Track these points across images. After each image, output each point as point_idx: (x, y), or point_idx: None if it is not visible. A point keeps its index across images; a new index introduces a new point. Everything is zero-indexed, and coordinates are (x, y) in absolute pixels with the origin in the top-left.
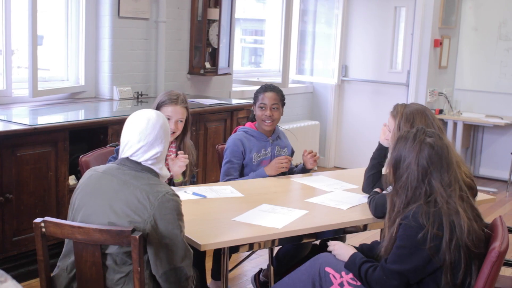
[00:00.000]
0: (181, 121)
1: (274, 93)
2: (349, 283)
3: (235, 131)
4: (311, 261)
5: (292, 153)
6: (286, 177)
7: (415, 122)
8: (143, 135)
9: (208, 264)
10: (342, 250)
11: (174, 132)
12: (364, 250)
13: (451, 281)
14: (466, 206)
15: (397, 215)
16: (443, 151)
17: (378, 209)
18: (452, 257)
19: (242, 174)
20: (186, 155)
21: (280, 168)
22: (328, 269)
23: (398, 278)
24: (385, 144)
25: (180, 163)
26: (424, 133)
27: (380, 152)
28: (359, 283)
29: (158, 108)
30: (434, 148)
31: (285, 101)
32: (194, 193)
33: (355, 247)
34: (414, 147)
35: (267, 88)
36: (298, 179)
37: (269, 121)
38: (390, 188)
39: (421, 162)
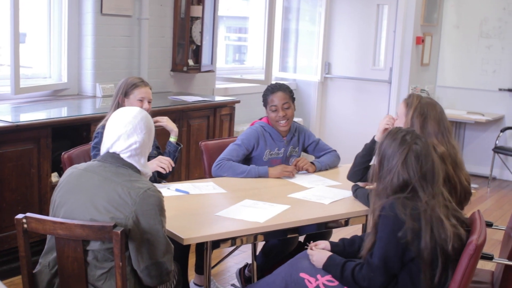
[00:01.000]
0: (149, 102)
1: (282, 91)
2: (325, 285)
3: (253, 124)
4: (285, 266)
5: (315, 146)
6: None
7: (427, 115)
8: (122, 124)
9: (192, 260)
10: (319, 255)
11: None
12: (345, 244)
13: (430, 279)
14: (450, 213)
15: (375, 210)
16: (428, 162)
17: (362, 200)
18: (433, 258)
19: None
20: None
21: (284, 173)
22: (302, 275)
23: (384, 273)
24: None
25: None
26: (414, 139)
27: (373, 147)
28: (335, 283)
29: (128, 92)
30: (419, 158)
31: (294, 96)
32: (177, 190)
33: (336, 242)
34: (401, 151)
35: (274, 88)
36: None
37: (284, 121)
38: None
39: (404, 169)
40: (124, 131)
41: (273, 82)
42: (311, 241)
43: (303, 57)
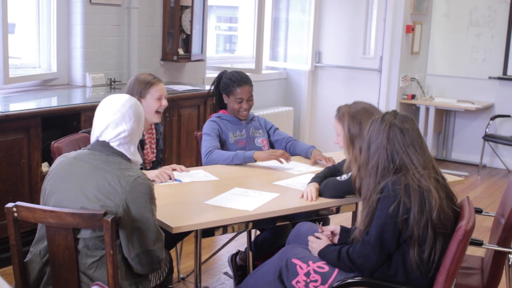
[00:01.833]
0: (165, 98)
1: (249, 85)
2: (315, 271)
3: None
4: (279, 253)
5: (274, 130)
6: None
7: (362, 120)
8: (111, 112)
9: (187, 247)
10: (318, 244)
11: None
12: (342, 230)
13: (418, 255)
14: (440, 187)
15: (372, 194)
16: (414, 132)
17: (327, 189)
18: (420, 232)
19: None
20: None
21: (271, 156)
22: (294, 260)
23: (379, 252)
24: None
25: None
26: (394, 116)
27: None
28: (326, 269)
29: (143, 92)
30: (402, 129)
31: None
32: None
33: (347, 228)
34: (383, 129)
35: (241, 81)
36: (270, 164)
37: (245, 112)
38: (344, 176)
39: (390, 143)
40: (113, 120)
41: (235, 72)
42: (321, 222)
43: (293, 46)
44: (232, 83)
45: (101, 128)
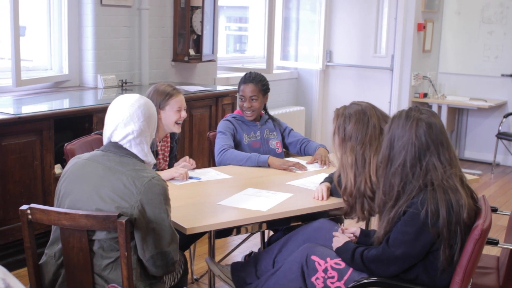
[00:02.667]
0: (185, 109)
1: (253, 84)
2: (332, 268)
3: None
4: (299, 251)
5: (289, 132)
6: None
7: (353, 122)
8: (119, 113)
9: (200, 248)
10: (339, 240)
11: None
12: (362, 234)
13: (449, 256)
14: (465, 186)
15: (397, 196)
16: (441, 128)
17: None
18: (451, 233)
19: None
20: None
21: (283, 166)
22: (314, 257)
23: (401, 263)
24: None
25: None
26: (419, 111)
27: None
28: (342, 266)
29: (162, 104)
30: (431, 125)
31: (267, 89)
32: (189, 177)
33: (367, 231)
34: (411, 125)
35: (246, 79)
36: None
37: (248, 112)
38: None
39: (418, 140)
40: (121, 120)
41: (251, 72)
42: (343, 224)
43: (304, 45)
44: (241, 80)
45: (111, 129)
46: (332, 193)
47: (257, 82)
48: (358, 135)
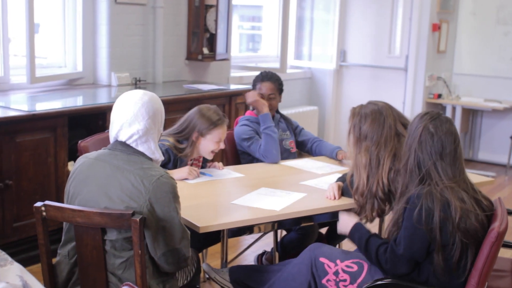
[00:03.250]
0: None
1: (271, 82)
2: (344, 270)
3: (237, 123)
4: (305, 253)
5: (300, 130)
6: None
7: (369, 122)
8: (124, 112)
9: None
10: (346, 221)
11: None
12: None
13: (443, 261)
14: (469, 198)
15: (400, 195)
16: (446, 140)
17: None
18: (447, 238)
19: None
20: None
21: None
22: (322, 259)
23: (407, 263)
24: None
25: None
26: (431, 118)
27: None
28: (354, 269)
29: (205, 132)
30: (434, 136)
31: (282, 88)
32: (201, 173)
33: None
34: (417, 130)
35: (264, 77)
36: (289, 163)
37: None
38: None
39: (420, 147)
40: (125, 120)
41: (266, 70)
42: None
43: (318, 45)
44: (257, 78)
45: (117, 128)
46: (343, 192)
47: (274, 80)
48: (374, 135)
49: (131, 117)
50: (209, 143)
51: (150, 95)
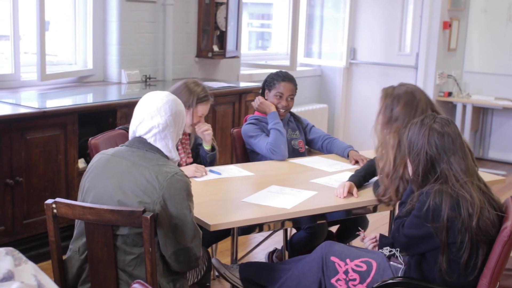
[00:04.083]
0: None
1: (292, 84)
2: (353, 270)
3: (246, 121)
4: (317, 251)
5: (310, 128)
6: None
7: (402, 103)
8: (147, 107)
9: (226, 243)
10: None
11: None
12: (381, 237)
13: (446, 262)
14: (483, 195)
15: (412, 199)
16: (454, 136)
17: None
18: (455, 237)
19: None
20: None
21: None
22: (333, 258)
23: (404, 241)
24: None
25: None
26: (433, 119)
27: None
28: (363, 268)
29: (191, 106)
30: (443, 134)
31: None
32: (210, 170)
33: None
34: (423, 134)
35: (285, 77)
36: (299, 160)
37: (283, 110)
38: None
39: (430, 149)
40: (147, 114)
41: (282, 70)
42: (363, 230)
43: (327, 43)
44: (277, 77)
45: (137, 122)
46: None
47: (294, 82)
48: (406, 118)
49: (154, 111)
50: (192, 117)
51: (174, 96)
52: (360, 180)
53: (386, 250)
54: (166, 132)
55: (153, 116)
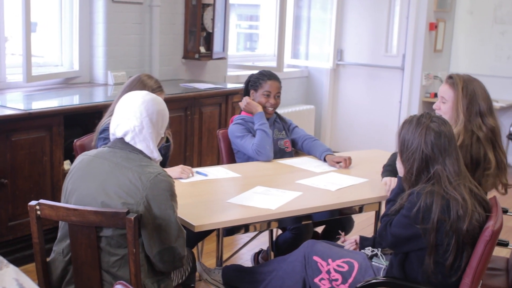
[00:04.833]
0: None
1: (278, 82)
2: (335, 270)
3: (232, 121)
4: (299, 250)
5: (293, 128)
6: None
7: (475, 88)
8: (123, 108)
9: (211, 244)
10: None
11: None
12: (362, 239)
13: (433, 263)
14: (474, 197)
15: (403, 197)
16: (450, 138)
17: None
18: (442, 240)
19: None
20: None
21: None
22: (315, 258)
23: (390, 240)
24: None
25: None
26: (430, 118)
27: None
28: (345, 268)
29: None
30: (440, 134)
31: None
32: (197, 172)
33: (366, 237)
34: (420, 133)
35: (271, 76)
36: (287, 161)
37: (271, 109)
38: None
39: (427, 148)
40: (124, 116)
41: (265, 70)
42: (343, 233)
43: (315, 44)
44: (263, 76)
45: (114, 125)
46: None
47: (279, 80)
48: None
49: (129, 113)
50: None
51: (153, 96)
52: (393, 173)
53: (368, 250)
54: (144, 133)
55: (129, 118)
